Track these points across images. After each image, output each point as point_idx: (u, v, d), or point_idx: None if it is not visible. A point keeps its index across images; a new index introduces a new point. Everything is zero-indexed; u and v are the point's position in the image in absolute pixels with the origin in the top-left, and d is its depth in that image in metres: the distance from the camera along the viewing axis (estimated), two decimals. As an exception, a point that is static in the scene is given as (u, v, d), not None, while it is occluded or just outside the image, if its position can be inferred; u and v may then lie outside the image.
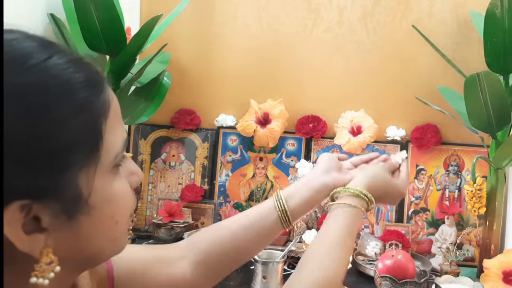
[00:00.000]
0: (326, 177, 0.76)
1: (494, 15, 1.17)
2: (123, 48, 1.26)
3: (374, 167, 0.79)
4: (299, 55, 1.51)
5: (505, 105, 1.18)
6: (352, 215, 0.70)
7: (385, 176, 0.77)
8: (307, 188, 0.75)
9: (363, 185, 0.73)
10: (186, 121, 1.52)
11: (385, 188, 0.76)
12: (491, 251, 1.26)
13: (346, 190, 0.73)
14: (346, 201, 0.71)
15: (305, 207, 0.75)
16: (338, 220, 0.69)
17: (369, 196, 0.72)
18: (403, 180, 0.79)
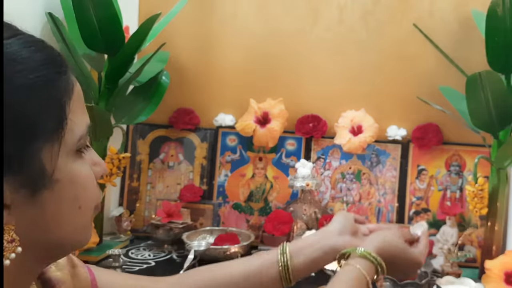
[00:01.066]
0: (338, 239, 0.72)
1: (496, 14, 1.16)
2: (121, 47, 1.26)
3: (389, 231, 0.74)
4: (299, 54, 1.50)
5: (507, 104, 1.17)
6: (357, 278, 0.65)
7: (400, 243, 0.72)
8: (316, 248, 0.71)
9: (372, 248, 0.68)
10: (184, 120, 1.52)
11: (398, 255, 0.71)
12: (492, 252, 1.25)
13: (354, 250, 0.68)
14: (354, 263, 0.66)
15: (310, 267, 0.71)
16: (344, 282, 0.65)
17: (379, 260, 0.67)
18: (420, 249, 0.74)
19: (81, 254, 1.24)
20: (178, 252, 1.38)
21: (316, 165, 1.48)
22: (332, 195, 1.48)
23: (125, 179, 1.53)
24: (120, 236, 1.44)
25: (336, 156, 1.48)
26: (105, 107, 1.31)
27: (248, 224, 1.49)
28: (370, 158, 1.47)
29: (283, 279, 0.68)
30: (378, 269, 0.67)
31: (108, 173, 1.32)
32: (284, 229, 1.34)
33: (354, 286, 0.64)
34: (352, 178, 1.47)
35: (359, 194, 1.47)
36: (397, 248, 0.71)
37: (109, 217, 1.48)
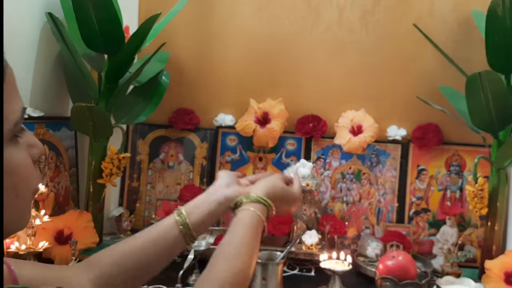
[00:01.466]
0: (227, 190, 0.80)
1: (496, 14, 1.16)
2: (121, 47, 1.26)
3: (272, 177, 0.86)
4: (299, 55, 1.50)
5: (507, 104, 1.17)
6: (255, 219, 0.74)
7: (282, 185, 0.84)
8: (209, 201, 0.79)
9: (263, 193, 0.79)
10: (184, 120, 1.52)
11: (282, 195, 0.83)
12: (492, 252, 1.25)
13: (247, 197, 0.78)
14: (248, 207, 0.76)
15: (208, 220, 0.77)
16: (244, 224, 0.73)
17: (269, 202, 0.78)
18: (296, 188, 0.87)
19: (81, 254, 1.24)
20: (178, 252, 1.38)
21: (316, 165, 1.48)
22: (332, 195, 1.48)
23: (125, 179, 1.53)
24: (120, 236, 1.44)
25: (336, 156, 1.49)
26: (105, 107, 1.32)
27: (248, 224, 1.49)
28: (370, 158, 1.47)
29: (185, 236, 0.74)
30: (269, 209, 0.78)
31: (108, 173, 1.32)
32: (284, 229, 1.34)
33: (253, 226, 0.73)
34: (352, 178, 1.47)
35: (359, 194, 1.47)
36: (281, 189, 0.83)
37: (109, 217, 1.48)
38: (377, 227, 1.45)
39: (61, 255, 1.20)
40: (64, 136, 1.38)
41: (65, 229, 1.24)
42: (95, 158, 1.33)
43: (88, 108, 1.18)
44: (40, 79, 1.32)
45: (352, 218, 1.46)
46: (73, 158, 1.43)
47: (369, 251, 1.32)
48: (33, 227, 1.12)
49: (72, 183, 1.41)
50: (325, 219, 1.34)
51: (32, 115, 1.24)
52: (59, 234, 1.23)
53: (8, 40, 1.22)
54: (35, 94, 1.30)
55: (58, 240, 1.22)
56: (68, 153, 1.40)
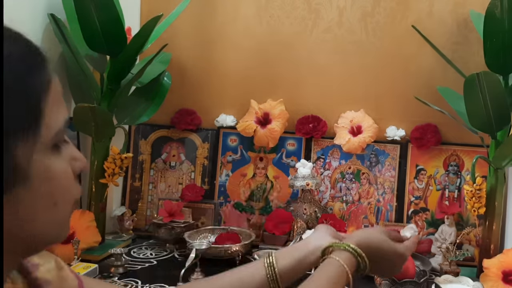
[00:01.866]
0: (321, 240, 0.74)
1: (494, 15, 1.17)
2: (124, 48, 1.26)
3: (373, 229, 0.79)
4: (299, 55, 1.51)
5: (504, 105, 1.18)
6: (337, 269, 0.67)
7: (382, 237, 0.74)
8: (300, 249, 0.74)
9: (352, 241, 0.71)
10: (186, 121, 1.53)
11: (381, 247, 0.72)
12: (490, 251, 1.26)
13: (335, 245, 0.71)
14: (334, 255, 0.69)
15: (296, 267, 0.73)
16: (324, 274, 0.67)
17: (358, 251, 0.69)
18: (407, 245, 0.75)
19: (84, 253, 1.25)
20: (180, 251, 1.39)
21: (316, 165, 1.49)
22: (332, 195, 1.49)
23: (127, 179, 1.54)
24: (122, 235, 1.45)
25: (335, 156, 1.50)
26: (107, 108, 1.33)
27: (249, 223, 1.51)
28: (369, 158, 1.48)
29: (270, 280, 0.70)
30: (359, 260, 0.69)
31: (111, 173, 1.33)
32: (285, 228, 1.36)
33: (333, 277, 0.66)
34: (351, 178, 1.49)
35: (358, 194, 1.48)
36: (380, 241, 0.73)
37: (112, 216, 1.49)
38: (376, 226, 1.46)
39: (63, 254, 1.21)
40: (67, 136, 1.39)
41: (68, 228, 1.25)
42: (97, 158, 1.34)
43: (91, 109, 1.19)
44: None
45: (352, 217, 1.47)
46: (76, 158, 1.43)
47: (368, 250, 1.33)
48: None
49: (74, 183, 1.42)
50: (325, 218, 1.35)
51: (35, 116, 1.25)
52: (62, 233, 1.24)
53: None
54: (38, 95, 1.31)
55: (60, 239, 1.23)
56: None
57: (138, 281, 1.16)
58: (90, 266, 1.17)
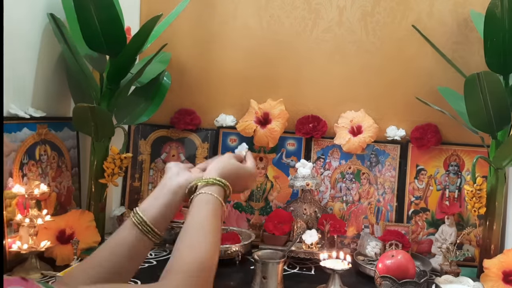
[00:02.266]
0: (178, 178, 0.78)
1: (494, 15, 1.16)
2: (123, 48, 1.26)
3: (222, 157, 0.84)
4: (299, 55, 1.51)
5: (505, 105, 1.18)
6: (213, 202, 0.72)
7: (235, 162, 0.83)
8: (162, 194, 0.77)
9: (216, 174, 0.77)
10: (186, 121, 1.52)
11: (237, 172, 0.81)
12: (491, 251, 1.26)
13: (201, 181, 0.75)
14: (205, 191, 0.73)
15: (167, 213, 0.76)
16: (202, 209, 0.71)
17: (224, 182, 0.76)
18: (251, 163, 0.87)
19: (83, 253, 1.25)
20: (179, 251, 1.39)
21: (316, 165, 1.49)
22: (332, 195, 1.49)
23: (127, 179, 1.54)
24: (122, 236, 1.45)
25: (335, 156, 1.50)
26: (106, 108, 1.32)
27: (249, 224, 1.51)
28: (370, 158, 1.48)
29: (147, 234, 0.73)
30: (226, 190, 0.76)
31: (110, 173, 1.33)
32: (285, 228, 1.35)
33: (212, 209, 0.71)
34: (351, 178, 1.48)
35: (358, 194, 1.48)
36: (235, 167, 0.82)
37: (111, 216, 1.49)
38: (376, 227, 1.46)
39: (63, 254, 1.21)
40: (66, 136, 1.39)
41: (67, 228, 1.25)
42: (97, 158, 1.34)
43: (90, 109, 1.19)
44: (42, 79, 1.33)
45: (352, 217, 1.47)
46: (75, 158, 1.43)
47: (368, 250, 1.33)
48: (35, 226, 1.13)
49: (74, 183, 1.42)
50: (325, 218, 1.35)
51: (34, 116, 1.25)
52: (61, 233, 1.24)
53: (10, 41, 1.24)
54: (37, 95, 1.31)
55: (60, 239, 1.23)
56: (70, 153, 1.41)
57: (137, 281, 1.16)
58: (90, 267, 1.16)
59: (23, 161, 1.21)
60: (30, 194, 1.14)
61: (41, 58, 1.31)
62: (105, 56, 1.35)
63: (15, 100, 1.21)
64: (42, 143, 1.29)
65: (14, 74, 1.21)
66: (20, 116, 1.20)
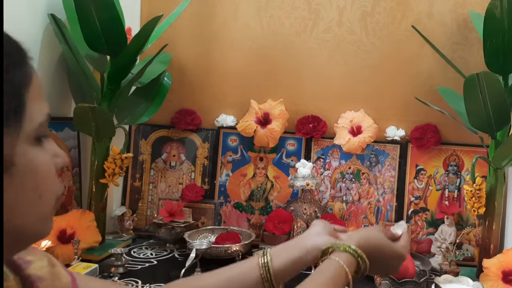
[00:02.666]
0: (317, 238, 0.72)
1: (493, 16, 1.17)
2: (124, 48, 1.27)
3: (370, 228, 0.77)
4: (299, 55, 1.51)
5: (504, 105, 1.18)
6: (335, 270, 0.65)
7: (382, 237, 0.73)
8: (297, 248, 0.72)
9: (353, 242, 0.68)
10: (186, 121, 1.53)
11: (381, 248, 0.71)
12: (490, 250, 1.26)
13: (335, 245, 0.68)
14: (334, 256, 0.66)
15: (291, 268, 0.71)
16: (323, 275, 0.65)
17: (359, 252, 0.67)
18: (403, 244, 0.75)
19: (84, 253, 1.25)
20: (180, 251, 1.40)
21: (316, 165, 1.50)
22: (332, 195, 1.49)
23: (128, 179, 1.55)
24: (123, 235, 1.46)
25: (335, 156, 1.50)
26: (107, 108, 1.33)
27: (249, 223, 1.51)
28: (369, 158, 1.48)
29: (264, 280, 0.69)
30: (359, 261, 0.67)
31: (111, 173, 1.33)
32: (285, 228, 1.36)
33: (332, 278, 0.64)
34: (351, 178, 1.49)
35: (358, 194, 1.48)
36: (379, 241, 0.72)
37: (112, 216, 1.49)
38: (376, 226, 1.46)
39: (63, 254, 1.21)
40: (67, 136, 1.40)
41: (68, 228, 1.25)
42: (97, 158, 1.34)
43: (91, 109, 1.20)
44: (43, 80, 1.32)
45: (352, 217, 1.48)
46: (76, 158, 1.44)
47: (368, 250, 1.33)
48: (36, 226, 1.13)
49: (75, 183, 1.43)
50: (325, 218, 1.35)
51: (36, 116, 1.25)
52: (61, 233, 1.24)
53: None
54: (38, 95, 1.31)
55: (60, 239, 1.23)
56: (71, 153, 1.41)
57: (138, 281, 1.17)
58: (91, 266, 1.17)
59: (24, 161, 1.21)
60: (31, 194, 1.15)
61: (41, 59, 1.32)
62: (106, 57, 1.35)
63: (16, 101, 1.21)
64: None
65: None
66: (21, 116, 1.21)
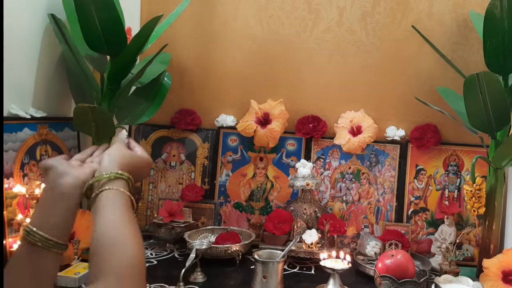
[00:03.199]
0: (67, 178, 0.68)
1: (493, 16, 1.17)
2: (124, 48, 1.26)
3: (115, 147, 0.76)
4: (299, 55, 1.51)
5: (504, 105, 1.18)
6: (123, 197, 0.66)
7: (129, 152, 0.77)
8: (54, 201, 0.67)
9: (116, 166, 0.70)
10: (186, 121, 1.53)
11: (135, 162, 0.75)
12: (490, 250, 1.26)
13: (101, 177, 0.67)
14: (110, 186, 0.66)
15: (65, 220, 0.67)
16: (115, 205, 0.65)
17: (127, 175, 0.70)
18: (141, 150, 0.80)
19: (84, 253, 1.25)
20: (180, 251, 1.40)
21: (316, 165, 1.50)
22: (332, 195, 1.49)
23: (127, 179, 1.54)
24: (122, 235, 1.45)
25: (335, 156, 1.50)
26: (107, 108, 1.33)
27: (249, 223, 1.51)
28: (369, 158, 1.48)
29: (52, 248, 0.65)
30: (129, 183, 0.70)
31: (111, 173, 1.33)
32: (285, 228, 1.36)
33: (126, 205, 0.66)
34: (351, 178, 1.49)
35: (358, 194, 1.48)
36: (132, 157, 0.75)
37: (111, 216, 1.49)
38: (376, 226, 1.46)
39: (63, 254, 1.21)
40: (67, 136, 1.40)
41: (68, 228, 1.25)
42: (97, 158, 1.34)
43: (91, 109, 1.19)
44: (43, 80, 1.33)
45: (352, 217, 1.48)
46: (76, 158, 1.44)
47: (368, 249, 1.33)
48: (36, 226, 1.13)
49: (74, 183, 1.43)
50: (325, 218, 1.36)
51: (35, 116, 1.25)
52: (62, 233, 1.24)
53: (11, 41, 1.24)
54: (38, 95, 1.31)
55: (61, 239, 1.23)
56: (71, 153, 1.41)
57: (138, 281, 1.16)
58: (91, 266, 1.17)
59: (24, 161, 1.21)
60: (31, 194, 1.15)
61: (41, 59, 1.32)
62: (106, 57, 1.35)
63: (16, 100, 1.21)
64: (43, 143, 1.29)
65: (15, 74, 1.21)
66: (21, 116, 1.21)
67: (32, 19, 1.27)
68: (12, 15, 1.17)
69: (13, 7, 1.19)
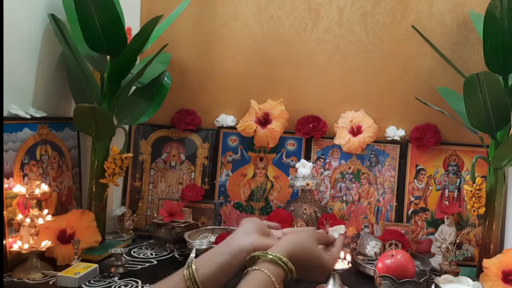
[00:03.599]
0: (246, 238, 0.69)
1: (493, 16, 1.17)
2: (124, 48, 1.27)
3: (302, 234, 0.73)
4: (299, 55, 1.51)
5: (504, 105, 1.18)
6: (265, 283, 0.62)
7: (312, 247, 0.71)
8: (223, 253, 0.69)
9: (285, 252, 0.66)
10: (186, 121, 1.53)
11: (311, 260, 0.70)
12: (490, 250, 1.26)
13: (264, 255, 0.65)
14: (262, 267, 0.64)
15: (219, 274, 0.68)
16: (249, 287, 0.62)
17: (289, 266, 0.65)
18: (333, 255, 0.73)
19: (84, 253, 1.25)
20: (180, 251, 1.40)
21: (316, 165, 1.50)
22: (332, 195, 1.49)
23: (128, 179, 1.55)
24: (123, 235, 1.46)
25: (335, 156, 1.50)
26: (107, 108, 1.33)
27: (249, 223, 1.51)
28: (369, 158, 1.48)
29: None
30: (288, 274, 0.65)
31: (111, 173, 1.33)
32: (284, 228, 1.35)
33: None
34: (351, 178, 1.49)
35: (358, 194, 1.48)
36: (309, 253, 0.70)
37: (112, 216, 1.49)
38: (376, 226, 1.46)
39: (63, 254, 1.21)
40: (67, 136, 1.40)
41: (68, 228, 1.25)
42: (97, 158, 1.34)
43: (91, 109, 1.20)
44: (43, 80, 1.33)
45: (352, 217, 1.48)
46: (76, 158, 1.44)
47: (368, 249, 1.33)
48: (36, 226, 1.13)
49: (75, 183, 1.43)
50: (325, 218, 1.36)
51: (35, 116, 1.25)
52: (61, 233, 1.24)
53: (11, 42, 1.24)
54: (38, 95, 1.31)
55: (60, 239, 1.23)
56: (71, 153, 1.42)
57: (138, 281, 1.17)
58: (90, 266, 1.17)
59: (24, 161, 1.21)
60: (31, 194, 1.15)
61: (41, 59, 1.32)
62: (106, 57, 1.35)
63: (16, 100, 1.21)
64: (43, 143, 1.29)
65: (15, 74, 1.21)
66: (21, 116, 1.21)
67: (32, 19, 1.28)
68: (12, 15, 1.18)
69: (13, 7, 1.19)
